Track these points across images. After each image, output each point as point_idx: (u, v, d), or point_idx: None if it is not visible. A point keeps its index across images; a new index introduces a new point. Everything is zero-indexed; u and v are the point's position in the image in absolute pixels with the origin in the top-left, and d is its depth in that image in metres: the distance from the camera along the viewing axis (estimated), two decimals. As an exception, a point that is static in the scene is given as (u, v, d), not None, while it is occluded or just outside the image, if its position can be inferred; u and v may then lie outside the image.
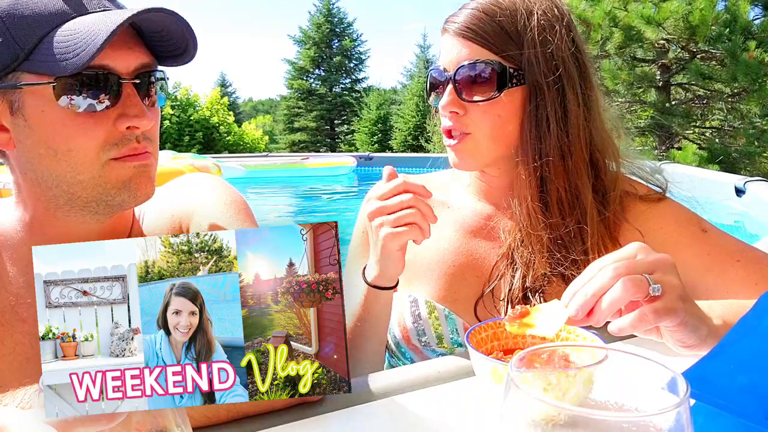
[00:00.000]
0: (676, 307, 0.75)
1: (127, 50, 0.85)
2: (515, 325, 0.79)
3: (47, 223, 0.93)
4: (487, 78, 1.09)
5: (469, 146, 1.13)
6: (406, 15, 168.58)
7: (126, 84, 0.84)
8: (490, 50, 1.10)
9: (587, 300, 0.74)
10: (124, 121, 0.84)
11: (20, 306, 0.92)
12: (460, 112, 1.11)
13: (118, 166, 0.86)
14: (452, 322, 1.17)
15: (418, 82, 24.02)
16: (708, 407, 0.56)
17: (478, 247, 1.22)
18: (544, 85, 1.10)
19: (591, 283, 0.75)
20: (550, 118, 1.10)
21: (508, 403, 0.41)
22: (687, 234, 1.10)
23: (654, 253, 0.78)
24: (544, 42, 1.10)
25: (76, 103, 0.82)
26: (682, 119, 9.23)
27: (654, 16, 8.16)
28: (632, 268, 0.75)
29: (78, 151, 0.84)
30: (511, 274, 1.13)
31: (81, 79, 0.81)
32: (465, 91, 1.10)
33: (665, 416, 0.37)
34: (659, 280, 0.75)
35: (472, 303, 1.17)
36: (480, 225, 1.23)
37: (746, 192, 4.52)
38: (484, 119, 1.11)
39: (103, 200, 0.88)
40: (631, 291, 0.73)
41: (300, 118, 28.58)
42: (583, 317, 0.75)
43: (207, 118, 19.37)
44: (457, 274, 1.20)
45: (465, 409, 0.82)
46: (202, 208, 1.00)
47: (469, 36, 1.10)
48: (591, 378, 0.46)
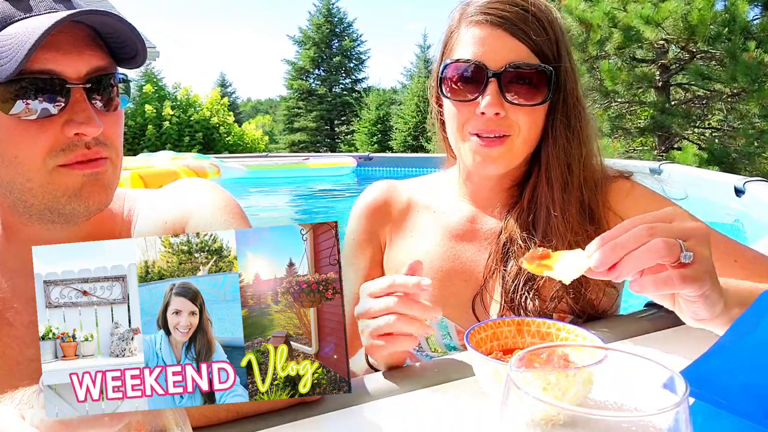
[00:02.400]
0: (703, 279, 0.73)
1: (77, 53, 0.82)
2: (534, 264, 0.77)
3: (18, 230, 0.92)
4: (537, 83, 1.07)
5: (506, 149, 1.10)
6: (406, 15, 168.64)
7: (74, 89, 0.81)
8: (536, 54, 1.08)
9: (614, 253, 0.72)
10: (72, 127, 0.81)
11: (7, 311, 0.91)
12: (502, 113, 1.08)
13: (67, 173, 0.83)
14: (444, 326, 1.17)
15: (418, 82, 23.99)
16: (707, 406, 0.56)
17: (465, 250, 1.21)
18: (569, 95, 1.11)
19: (621, 239, 0.72)
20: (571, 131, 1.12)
21: (508, 403, 0.41)
22: None
23: (690, 221, 0.76)
24: (570, 55, 1.11)
25: (21, 109, 0.79)
26: (681, 119, 9.23)
27: (653, 16, 8.15)
28: (667, 231, 0.73)
29: (24, 157, 0.81)
30: (501, 273, 1.13)
31: (24, 85, 0.78)
32: (511, 91, 1.07)
33: (664, 416, 0.37)
34: (691, 248, 0.73)
35: (463, 306, 1.17)
36: (465, 228, 1.22)
37: (746, 192, 4.52)
38: (525, 122, 1.09)
39: (55, 208, 0.86)
40: (662, 252, 0.70)
41: (300, 119, 28.57)
42: (605, 271, 0.73)
43: (207, 118, 19.35)
44: (445, 278, 1.20)
45: (465, 409, 0.82)
46: (196, 212, 0.99)
47: (519, 34, 1.07)
48: (590, 378, 0.46)
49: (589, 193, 1.14)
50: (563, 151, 1.13)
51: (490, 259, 1.16)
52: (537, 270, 0.77)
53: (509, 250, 1.14)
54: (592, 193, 1.14)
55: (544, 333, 0.89)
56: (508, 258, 1.13)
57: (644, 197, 1.14)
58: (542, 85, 1.08)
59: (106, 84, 0.86)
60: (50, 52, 0.78)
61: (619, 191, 1.16)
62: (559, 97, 1.12)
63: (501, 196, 1.21)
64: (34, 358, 0.90)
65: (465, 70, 1.09)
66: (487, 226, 1.21)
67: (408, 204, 1.31)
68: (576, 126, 1.13)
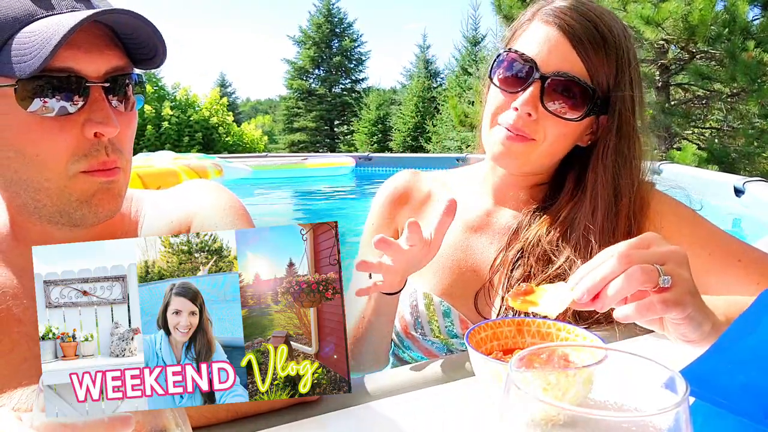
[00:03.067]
0: (685, 301, 0.74)
1: (97, 53, 0.82)
2: (518, 301, 0.78)
3: (28, 229, 0.92)
4: (577, 99, 1.07)
5: (526, 150, 1.10)
6: (406, 15, 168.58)
7: (93, 88, 0.82)
8: (590, 72, 1.07)
9: (594, 284, 0.73)
10: (91, 126, 0.82)
11: (17, 308, 0.92)
12: (534, 115, 1.08)
13: (85, 180, 0.84)
14: (449, 314, 1.18)
15: (418, 82, 24.00)
16: (707, 406, 0.56)
17: (477, 243, 1.22)
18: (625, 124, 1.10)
19: (600, 269, 0.74)
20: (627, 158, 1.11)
21: (508, 403, 0.41)
22: (687, 233, 1.09)
23: (667, 245, 0.77)
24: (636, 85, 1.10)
25: (39, 106, 0.80)
26: (681, 119, 9.23)
27: (653, 17, 8.16)
28: (644, 257, 0.74)
29: (46, 156, 0.82)
30: (510, 268, 1.13)
31: (44, 82, 0.79)
32: (550, 98, 1.07)
33: (664, 416, 0.37)
34: (670, 272, 0.74)
35: (470, 296, 1.18)
36: (481, 221, 1.23)
37: (745, 192, 4.52)
38: (554, 133, 1.09)
39: (65, 212, 0.86)
40: (640, 279, 0.72)
41: (299, 119, 28.56)
42: (588, 301, 0.74)
43: (206, 118, 19.35)
44: (455, 268, 1.21)
45: (465, 409, 0.82)
46: (200, 213, 1.00)
47: (579, 47, 1.06)
48: (590, 378, 0.46)
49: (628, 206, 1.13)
50: (612, 179, 1.11)
51: (498, 254, 1.17)
52: (522, 307, 0.78)
53: (520, 249, 1.14)
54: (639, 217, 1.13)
55: (545, 333, 0.89)
56: (518, 258, 1.13)
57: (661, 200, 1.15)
58: (583, 104, 1.07)
59: (122, 84, 0.86)
60: (71, 51, 0.78)
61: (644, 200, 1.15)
62: (612, 124, 1.11)
63: (522, 193, 1.21)
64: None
65: (517, 62, 1.10)
66: (503, 221, 1.21)
67: (428, 194, 1.33)
68: (629, 156, 1.12)
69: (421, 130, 22.22)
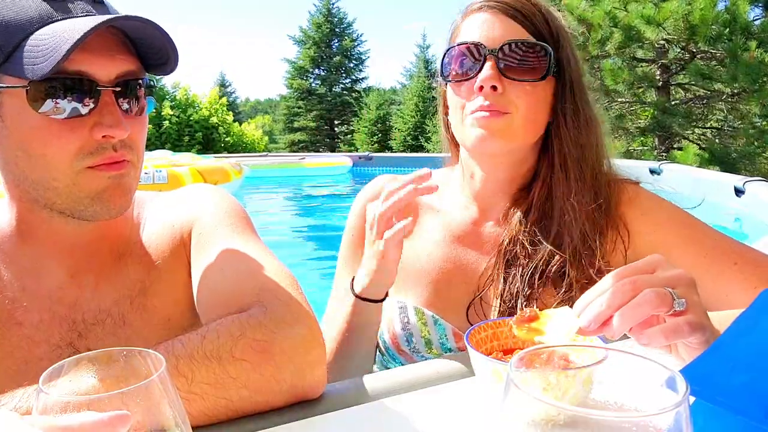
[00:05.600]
0: (704, 324, 0.72)
1: (109, 57, 0.83)
2: (524, 330, 0.76)
3: (35, 226, 0.92)
4: (534, 60, 1.08)
5: (505, 124, 1.08)
6: (406, 15, 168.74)
7: (105, 91, 0.83)
8: (535, 36, 1.09)
9: (602, 311, 0.70)
10: (101, 129, 0.83)
11: (17, 310, 0.92)
12: (500, 88, 1.08)
13: (93, 175, 0.85)
14: (441, 327, 1.17)
15: (418, 81, 24.00)
16: (708, 405, 0.56)
17: (467, 253, 1.20)
18: (575, 84, 1.12)
19: (607, 295, 0.71)
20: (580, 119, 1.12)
21: (508, 403, 0.41)
22: (683, 235, 1.08)
23: (672, 268, 0.75)
24: (572, 47, 1.12)
25: (50, 108, 0.80)
26: (682, 119, 9.23)
27: (654, 16, 8.16)
28: (652, 282, 0.71)
29: (53, 156, 0.82)
30: (503, 278, 1.12)
31: (55, 85, 0.79)
32: (509, 68, 1.08)
33: (665, 416, 0.37)
34: (683, 295, 0.71)
35: (461, 309, 1.16)
36: (468, 231, 1.21)
37: (745, 192, 4.52)
38: (525, 100, 1.09)
39: (77, 209, 0.87)
40: (655, 302, 0.69)
41: (299, 118, 28.54)
42: (596, 328, 0.71)
43: (206, 118, 19.35)
44: (444, 280, 1.19)
45: (465, 409, 0.82)
46: (201, 217, 1.01)
47: (517, 17, 1.09)
48: (590, 378, 0.46)
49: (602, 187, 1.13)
50: (574, 139, 1.12)
51: (490, 266, 1.15)
52: (527, 336, 0.75)
53: (511, 259, 1.13)
54: (604, 187, 1.14)
55: (544, 333, 0.89)
56: (509, 267, 1.12)
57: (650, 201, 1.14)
58: (541, 63, 1.08)
59: (133, 88, 0.87)
60: (83, 54, 0.79)
61: (627, 194, 1.15)
62: (564, 86, 1.12)
63: (507, 200, 1.19)
64: (43, 357, 0.90)
65: (464, 51, 1.11)
66: (490, 232, 1.20)
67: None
68: (586, 113, 1.14)
69: (421, 130, 22.23)
